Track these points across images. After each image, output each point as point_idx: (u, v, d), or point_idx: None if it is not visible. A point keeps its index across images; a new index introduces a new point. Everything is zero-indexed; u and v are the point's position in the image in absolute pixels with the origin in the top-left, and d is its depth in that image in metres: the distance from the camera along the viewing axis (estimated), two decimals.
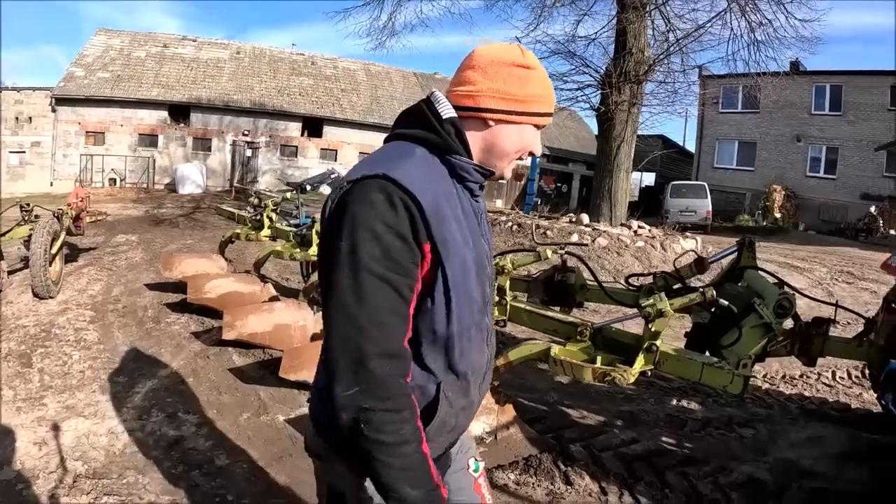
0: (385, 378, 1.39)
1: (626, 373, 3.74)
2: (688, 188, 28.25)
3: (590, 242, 12.44)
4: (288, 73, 35.15)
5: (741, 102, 33.47)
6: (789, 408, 5.83)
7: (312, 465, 1.73)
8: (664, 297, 3.84)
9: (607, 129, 14.80)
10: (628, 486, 3.92)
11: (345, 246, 1.40)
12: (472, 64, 1.63)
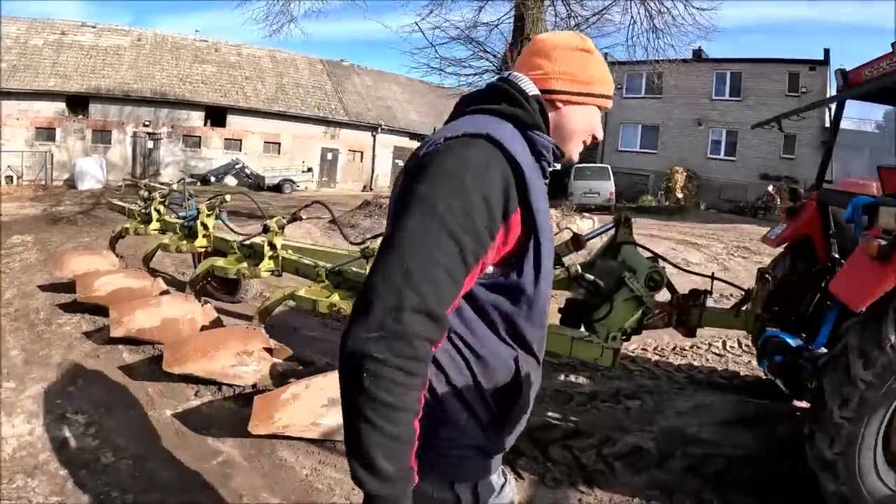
0: (414, 336, 1.24)
1: None
2: (592, 171, 28.90)
3: None
4: (191, 60, 33.68)
5: (644, 88, 34.59)
6: (677, 378, 5.99)
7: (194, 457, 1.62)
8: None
9: None
10: (510, 462, 3.94)
11: (423, 190, 1.30)
12: (538, 50, 1.67)
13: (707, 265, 12.73)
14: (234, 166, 30.21)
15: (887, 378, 3.40)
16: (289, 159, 33.54)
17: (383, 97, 38.95)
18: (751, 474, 4.18)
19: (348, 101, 36.48)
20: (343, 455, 3.76)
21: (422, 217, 1.27)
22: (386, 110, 37.90)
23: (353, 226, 13.03)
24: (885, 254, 3.40)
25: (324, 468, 3.73)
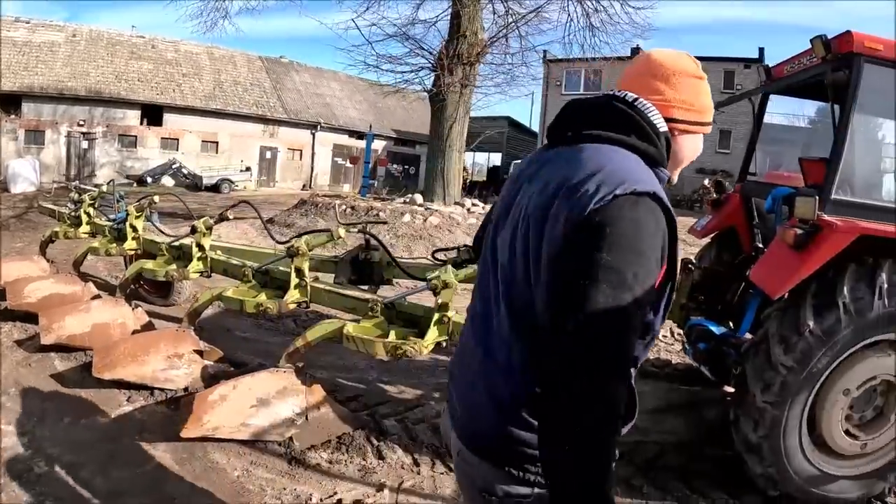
0: (622, 386, 1.31)
1: (419, 345, 3.76)
2: None
3: (421, 222, 12.67)
4: (127, 57, 32.38)
5: (583, 85, 35.18)
6: None
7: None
8: (449, 269, 3.89)
9: (439, 110, 14.92)
10: (440, 456, 3.97)
11: (607, 259, 1.29)
12: (658, 73, 1.62)
13: None
14: (171, 166, 29.49)
15: (807, 363, 3.54)
16: (227, 158, 32.76)
17: (322, 94, 38.44)
18: (681, 459, 4.29)
19: (287, 99, 35.90)
20: (274, 454, 3.75)
21: (610, 288, 1.28)
22: (325, 108, 37.40)
23: (289, 225, 12.89)
24: (802, 242, 3.54)
25: (255, 469, 3.67)
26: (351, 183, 35.06)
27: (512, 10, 15.28)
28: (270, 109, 34.62)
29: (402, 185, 27.38)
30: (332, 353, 5.39)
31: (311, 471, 3.66)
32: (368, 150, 24.63)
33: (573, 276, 1.33)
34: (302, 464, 3.71)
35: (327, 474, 3.65)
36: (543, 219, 1.42)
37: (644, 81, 1.63)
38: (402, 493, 3.55)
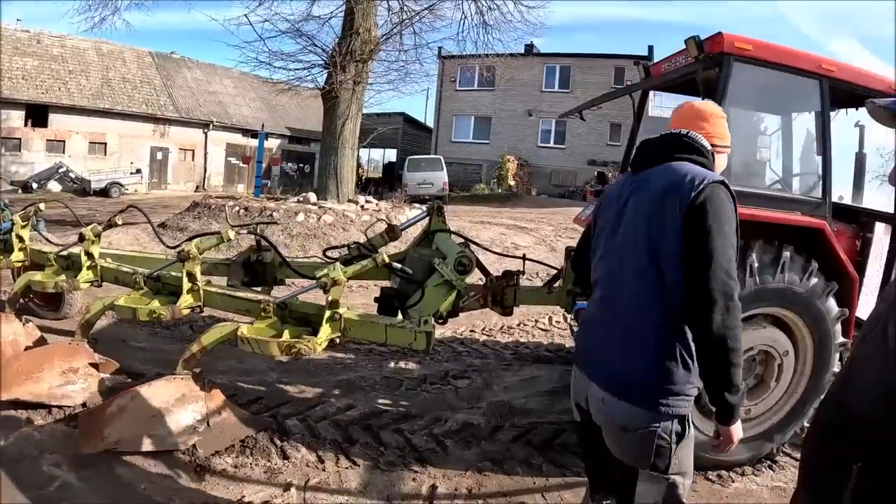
0: (739, 309, 2.06)
1: (312, 343, 3.77)
2: (425, 162, 29.61)
3: (315, 220, 12.60)
4: (10, 53, 29.68)
5: (477, 80, 35.78)
6: (505, 355, 6.32)
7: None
8: (338, 266, 3.93)
9: (332, 107, 14.79)
10: (344, 451, 4.03)
11: (718, 226, 2.09)
12: (701, 116, 2.50)
13: (535, 247, 13.42)
14: (58, 170, 27.88)
15: None
16: (116, 160, 30.99)
17: (215, 92, 37.04)
18: (576, 437, 4.43)
19: (178, 97, 34.36)
20: (179, 463, 3.68)
21: (721, 240, 2.09)
22: (218, 106, 36.07)
23: (182, 229, 12.50)
24: None
25: (161, 479, 3.60)
26: (245, 183, 34.17)
27: (407, 7, 15.35)
28: (161, 108, 32.99)
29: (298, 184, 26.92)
30: (231, 357, 5.36)
31: (217, 476, 3.64)
32: (261, 150, 24.12)
33: (698, 241, 2.08)
34: (208, 470, 3.67)
35: (234, 478, 3.64)
36: (659, 211, 2.17)
37: (692, 122, 2.47)
38: (308, 490, 3.58)
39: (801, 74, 4.27)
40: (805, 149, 5.03)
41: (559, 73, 35.49)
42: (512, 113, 35.80)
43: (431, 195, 26.22)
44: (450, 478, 3.84)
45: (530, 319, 7.75)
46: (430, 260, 4.42)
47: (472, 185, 33.25)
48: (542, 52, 35.37)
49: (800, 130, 5.20)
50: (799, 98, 4.82)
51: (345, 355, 5.86)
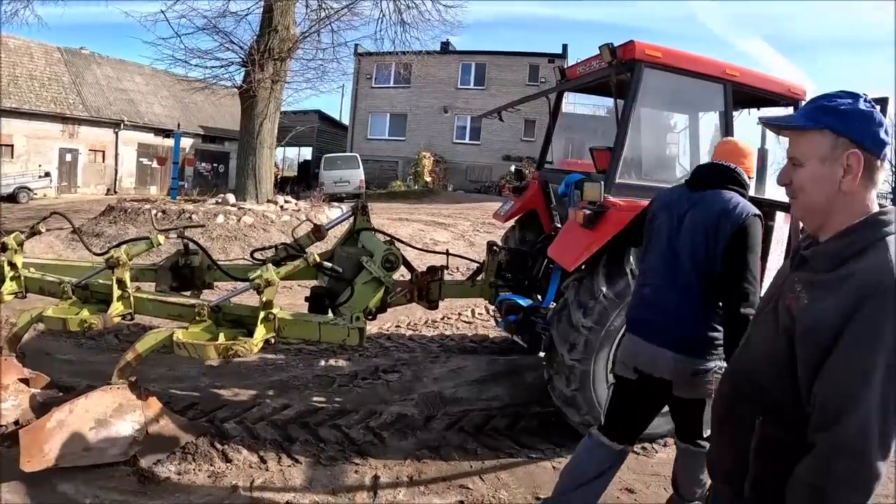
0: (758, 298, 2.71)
1: (249, 344, 3.83)
2: (341, 160, 29.52)
3: (235, 222, 12.49)
4: None
5: (393, 78, 35.81)
6: (432, 348, 6.51)
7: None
8: (270, 267, 4.01)
9: (250, 106, 14.53)
10: (285, 450, 4.10)
11: (752, 246, 2.85)
12: (744, 154, 3.24)
13: (454, 242, 13.64)
14: None
15: (604, 322, 4.17)
16: (24, 163, 29.32)
17: (126, 90, 35.19)
18: (508, 421, 4.77)
19: (88, 95, 32.42)
20: (122, 475, 3.62)
21: (754, 257, 2.84)
22: (129, 104, 34.25)
23: (99, 234, 12.15)
24: (591, 221, 4.13)
25: (106, 493, 3.52)
26: (158, 185, 33.09)
27: (326, 5, 15.27)
28: (70, 107, 30.97)
29: (213, 185, 26.39)
30: (161, 365, 5.32)
31: (162, 485, 3.61)
32: (177, 150, 23.49)
33: (739, 255, 2.82)
34: (151, 480, 3.64)
35: (179, 486, 3.63)
36: (715, 227, 2.87)
37: (737, 158, 3.18)
38: (255, 491, 3.63)
39: (707, 79, 4.63)
40: (711, 145, 5.38)
41: (475, 71, 35.72)
42: (428, 110, 35.85)
43: (348, 193, 26.27)
44: (390, 467, 3.98)
45: (454, 313, 7.97)
46: (358, 258, 4.55)
47: (389, 183, 33.16)
48: (458, 50, 35.59)
49: (706, 128, 5.57)
50: (704, 100, 5.15)
51: (275, 356, 5.90)
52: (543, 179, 5.82)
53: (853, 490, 1.39)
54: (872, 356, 1.36)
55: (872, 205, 1.57)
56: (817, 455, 1.43)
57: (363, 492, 3.71)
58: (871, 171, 1.55)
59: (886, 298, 1.38)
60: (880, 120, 1.55)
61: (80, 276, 4.58)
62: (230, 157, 35.38)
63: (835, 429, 1.40)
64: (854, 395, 1.38)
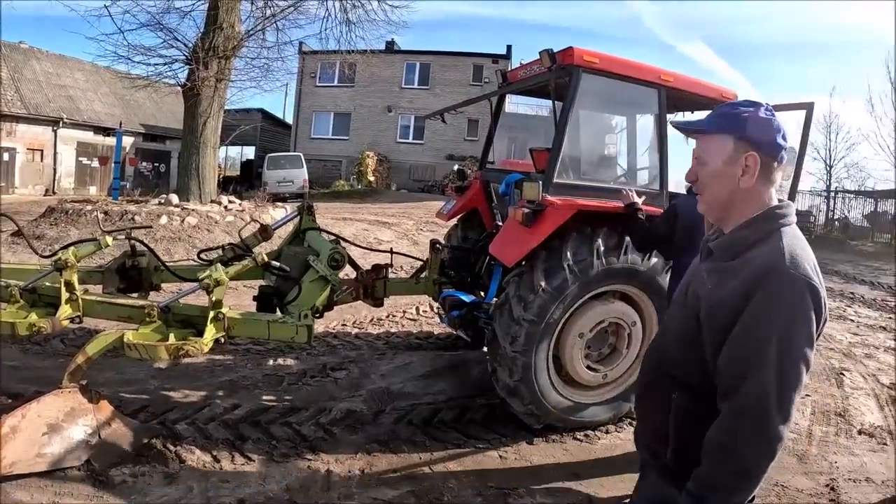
0: None
1: (199, 343, 3.89)
2: (285, 159, 29.43)
3: (179, 223, 12.36)
4: None
5: (337, 77, 35.78)
6: (378, 345, 6.66)
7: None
8: (220, 267, 4.09)
9: (193, 105, 14.36)
10: (238, 448, 4.17)
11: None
12: None
13: (398, 241, 13.79)
14: None
15: (544, 315, 4.39)
16: None
17: (65, 86, 33.67)
18: (455, 414, 4.95)
19: (26, 91, 31.07)
20: (77, 480, 3.62)
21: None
22: (68, 101, 32.75)
23: (40, 237, 11.81)
24: (529, 219, 4.33)
25: (61, 499, 3.52)
26: (98, 185, 32.20)
27: (272, 3, 15.27)
28: (7, 104, 29.31)
29: (154, 185, 25.89)
30: (110, 369, 5.30)
31: (118, 489, 3.62)
32: (118, 149, 22.86)
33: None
34: (107, 484, 3.64)
35: (134, 488, 3.64)
36: None
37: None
38: (210, 489, 3.68)
39: (642, 83, 4.84)
40: (647, 146, 5.62)
41: (419, 71, 36.00)
42: (371, 109, 35.95)
43: (292, 193, 26.15)
44: (342, 461, 4.10)
45: (399, 311, 8.14)
46: (305, 257, 4.67)
47: (333, 182, 33.14)
48: (403, 50, 35.76)
49: (643, 130, 5.81)
50: (640, 103, 5.37)
51: (224, 357, 5.93)
52: (485, 179, 6.02)
53: (755, 446, 1.60)
54: (766, 331, 1.57)
55: (770, 200, 1.77)
56: (724, 418, 1.65)
57: (316, 486, 3.81)
58: (767, 171, 1.75)
59: (778, 281, 1.59)
60: (777, 126, 1.74)
61: (26, 280, 4.50)
62: (171, 156, 34.62)
63: (737, 395, 1.61)
64: (752, 364, 1.58)
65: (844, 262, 19.49)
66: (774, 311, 1.59)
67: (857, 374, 7.10)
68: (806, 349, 1.60)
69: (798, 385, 1.60)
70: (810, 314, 1.60)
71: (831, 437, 5.24)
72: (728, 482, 1.66)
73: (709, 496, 1.67)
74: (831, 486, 4.36)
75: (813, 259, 1.69)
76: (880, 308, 12.05)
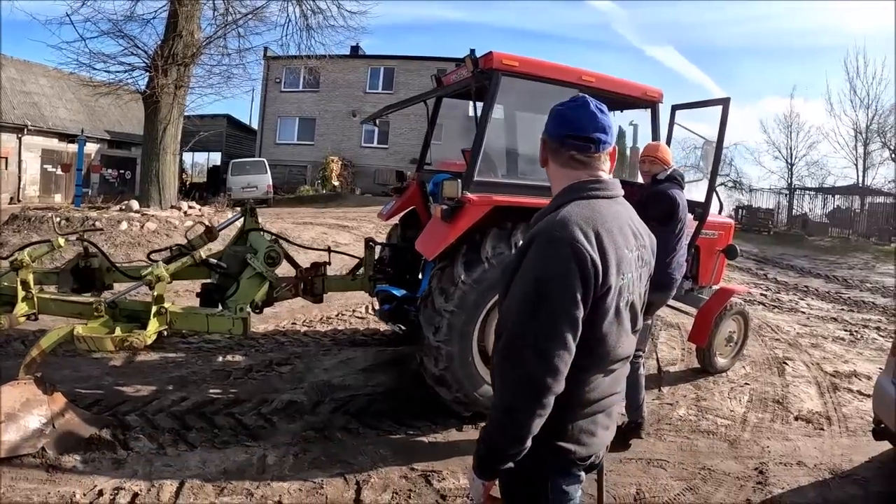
0: None
1: (143, 336, 4.14)
2: (250, 165, 29.34)
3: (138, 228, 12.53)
4: None
5: (302, 82, 35.82)
6: (324, 342, 6.93)
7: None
8: (161, 265, 4.38)
9: (153, 111, 14.50)
10: (182, 437, 4.43)
11: None
12: (667, 151, 4.90)
13: (355, 244, 14.04)
14: None
15: (465, 306, 4.63)
16: None
17: (30, 93, 32.83)
18: (391, 404, 5.23)
19: None
20: (31, 466, 3.87)
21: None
22: (33, 108, 32.00)
23: (3, 244, 11.88)
24: (449, 215, 4.58)
25: (17, 483, 3.73)
26: (63, 193, 31.77)
27: (232, 9, 15.43)
28: None
29: (120, 192, 25.77)
30: (67, 367, 5.50)
31: (70, 473, 3.86)
32: (81, 156, 22.77)
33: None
34: (60, 469, 3.88)
35: (85, 473, 3.88)
36: None
37: (665, 157, 4.91)
38: (153, 474, 3.93)
39: (563, 84, 5.01)
40: None
41: (383, 75, 36.05)
42: (336, 114, 35.94)
43: (256, 198, 26.22)
44: (278, 447, 4.37)
45: (348, 309, 8.45)
46: (244, 255, 4.95)
47: (298, 187, 33.25)
48: (367, 55, 36.03)
49: None
50: None
51: (176, 354, 6.18)
52: (422, 180, 6.28)
53: (514, 385, 1.72)
54: (525, 286, 1.74)
55: (568, 180, 1.93)
56: (498, 350, 1.82)
57: (252, 469, 4.07)
58: (556, 154, 1.95)
59: (541, 242, 1.75)
60: (564, 116, 1.94)
61: None
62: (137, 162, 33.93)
63: (500, 341, 1.80)
64: (511, 313, 1.76)
65: (801, 256, 20.16)
66: (535, 268, 1.72)
67: (800, 363, 7.38)
68: (567, 306, 1.67)
69: (557, 338, 1.66)
70: (571, 274, 1.67)
71: (766, 423, 5.47)
72: (498, 420, 1.76)
73: (485, 436, 1.79)
74: (760, 469, 4.57)
75: (600, 227, 1.76)
76: (833, 301, 12.53)
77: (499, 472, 1.81)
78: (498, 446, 1.75)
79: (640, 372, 4.80)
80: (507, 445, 1.73)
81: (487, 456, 1.79)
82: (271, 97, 36.65)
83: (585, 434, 1.89)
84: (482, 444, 1.80)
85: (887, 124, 31.57)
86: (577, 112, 1.92)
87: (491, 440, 1.77)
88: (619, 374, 1.98)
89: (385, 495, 3.88)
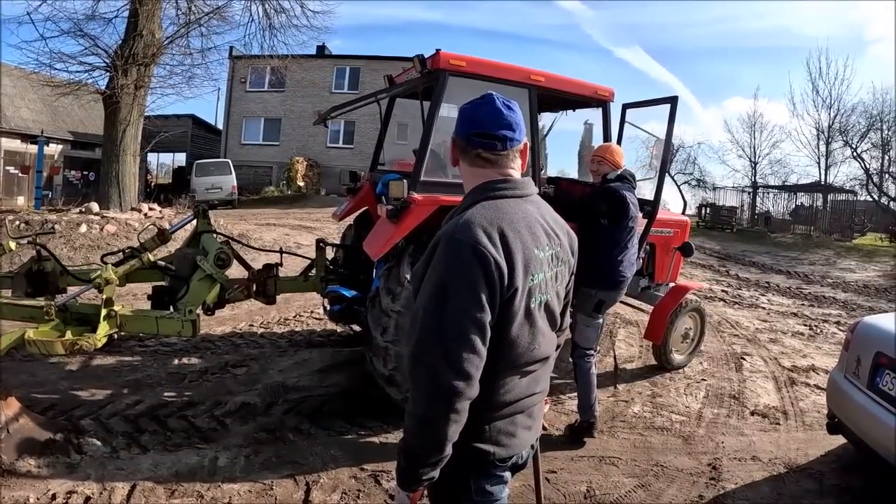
0: None
1: (93, 339, 4.15)
2: (214, 166, 29.09)
3: (98, 231, 12.42)
4: None
5: (268, 82, 35.61)
6: (280, 343, 6.97)
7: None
8: (110, 268, 4.39)
9: (113, 112, 14.40)
10: (135, 440, 4.46)
11: None
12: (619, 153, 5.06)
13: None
14: None
15: (411, 307, 4.60)
16: None
17: None
18: (343, 404, 5.29)
19: None
20: None
21: None
22: None
23: None
24: (393, 215, 4.64)
25: None
26: (26, 195, 31.25)
27: (196, 8, 15.35)
28: None
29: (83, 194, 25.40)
30: (23, 372, 5.50)
31: (23, 477, 3.87)
32: (40, 158, 22.35)
33: None
34: (14, 473, 3.89)
35: (39, 477, 3.90)
36: None
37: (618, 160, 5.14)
38: (105, 477, 3.94)
39: (511, 84, 5.10)
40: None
41: (349, 75, 35.92)
42: (301, 114, 35.63)
43: (220, 200, 26.03)
44: (229, 449, 4.41)
45: (306, 311, 8.49)
46: (194, 257, 4.98)
47: (263, 188, 33.12)
48: (332, 54, 35.93)
49: None
50: None
51: (132, 357, 6.18)
52: (374, 180, 6.25)
53: (423, 389, 1.69)
54: (429, 289, 1.72)
55: (477, 179, 1.92)
56: (407, 356, 1.75)
57: (203, 471, 4.10)
58: (464, 153, 1.93)
59: (444, 246, 1.73)
60: (469, 114, 1.93)
61: None
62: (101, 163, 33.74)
63: (411, 343, 1.73)
64: (419, 317, 1.73)
65: (764, 253, 20.44)
66: (439, 270, 1.70)
67: (758, 359, 7.53)
68: (472, 309, 1.65)
69: (465, 342, 1.65)
70: (474, 277, 1.66)
71: (722, 418, 5.58)
72: (414, 429, 1.72)
73: (403, 446, 1.75)
74: (714, 465, 4.66)
75: (506, 228, 1.75)
76: (794, 296, 12.78)
77: (422, 482, 1.75)
78: (417, 455, 1.71)
79: (592, 371, 4.89)
80: (426, 454, 1.70)
81: (409, 467, 1.73)
82: (236, 97, 36.35)
83: (504, 435, 1.87)
84: (402, 455, 1.75)
85: (849, 123, 32.19)
86: (482, 109, 1.91)
87: (410, 450, 1.73)
88: (538, 374, 1.95)
89: (334, 496, 3.93)
